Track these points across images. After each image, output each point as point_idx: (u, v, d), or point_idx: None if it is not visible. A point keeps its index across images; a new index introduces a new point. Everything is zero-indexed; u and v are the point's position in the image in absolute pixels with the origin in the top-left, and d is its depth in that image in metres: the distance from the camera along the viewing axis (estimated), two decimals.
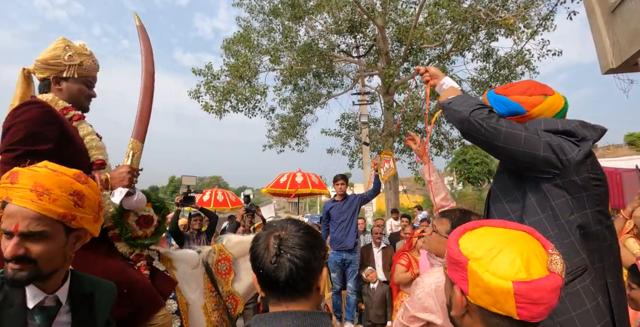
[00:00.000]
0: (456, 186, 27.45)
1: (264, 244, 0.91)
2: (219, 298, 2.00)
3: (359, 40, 13.02)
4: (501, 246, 0.78)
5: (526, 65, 10.51)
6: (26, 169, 1.06)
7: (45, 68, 1.66)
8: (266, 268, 0.87)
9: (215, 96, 12.29)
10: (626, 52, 5.63)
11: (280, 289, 0.88)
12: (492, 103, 1.40)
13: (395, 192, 12.60)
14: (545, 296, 0.72)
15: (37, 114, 1.49)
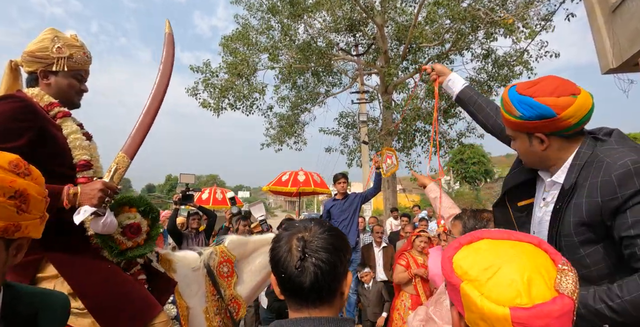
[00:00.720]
0: (453, 185, 27.51)
1: (286, 246, 0.86)
2: (221, 302, 1.95)
3: (358, 39, 12.98)
4: (499, 264, 0.68)
5: (524, 66, 10.51)
6: None
7: (32, 61, 1.55)
8: (289, 272, 0.83)
9: (213, 93, 12.22)
10: (626, 52, 5.63)
11: (303, 295, 0.84)
12: (516, 105, 1.24)
13: (394, 191, 12.60)
14: (552, 323, 0.61)
15: (9, 110, 1.37)
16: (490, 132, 1.71)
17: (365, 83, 13.85)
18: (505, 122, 1.35)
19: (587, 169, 1.20)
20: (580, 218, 1.15)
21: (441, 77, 1.87)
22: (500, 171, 28.72)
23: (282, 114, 14.62)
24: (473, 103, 1.75)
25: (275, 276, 0.89)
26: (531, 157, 1.35)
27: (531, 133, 1.27)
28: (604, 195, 1.10)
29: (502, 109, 1.32)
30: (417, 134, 13.02)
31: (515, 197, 1.52)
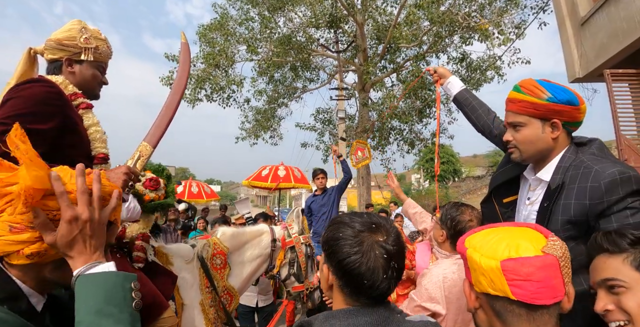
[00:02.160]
0: (423, 183, 28.34)
1: (367, 253, 0.82)
2: (215, 294, 1.96)
3: (338, 36, 13.03)
4: (497, 235, 0.85)
5: (496, 72, 10.95)
6: None
7: (58, 48, 1.55)
8: (374, 280, 0.81)
9: (188, 84, 11.87)
10: (592, 64, 6.02)
11: (380, 298, 0.84)
12: (548, 88, 1.32)
13: (368, 187, 12.82)
14: (535, 273, 0.73)
15: (42, 93, 1.36)
16: (480, 131, 1.86)
17: (343, 80, 13.94)
18: (519, 107, 1.38)
19: (573, 172, 1.32)
20: (569, 217, 1.27)
21: (442, 79, 2.02)
22: (468, 171, 29.89)
23: (258, 107, 14.47)
24: (468, 104, 1.89)
25: (348, 281, 0.84)
26: (538, 145, 1.39)
27: (547, 119, 1.35)
28: (592, 199, 1.22)
29: (522, 94, 1.36)
30: (392, 133, 13.28)
31: (501, 195, 1.65)
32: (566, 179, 1.32)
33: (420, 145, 13.69)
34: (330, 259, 0.87)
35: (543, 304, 0.74)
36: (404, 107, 12.28)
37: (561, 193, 1.32)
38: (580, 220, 1.25)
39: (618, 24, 5.45)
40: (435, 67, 2.07)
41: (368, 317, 0.82)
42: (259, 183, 6.91)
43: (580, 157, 1.34)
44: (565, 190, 1.31)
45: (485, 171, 29.71)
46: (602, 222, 1.21)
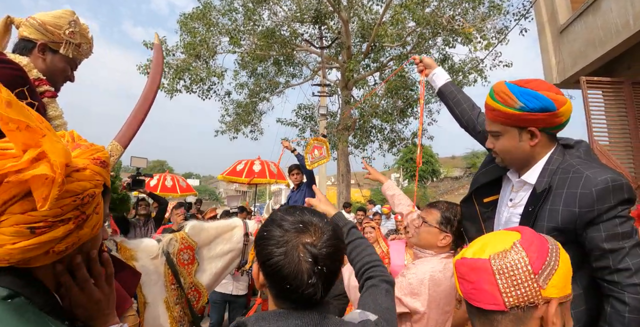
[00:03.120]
0: (402, 182, 28.69)
1: (289, 254, 0.76)
2: (181, 291, 1.87)
3: (322, 32, 12.94)
4: (485, 237, 0.85)
5: (479, 74, 11.14)
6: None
7: (38, 30, 1.45)
8: (297, 285, 0.76)
9: (167, 74, 11.54)
10: (569, 70, 6.18)
11: (308, 304, 0.79)
12: (519, 96, 1.22)
13: (348, 185, 12.84)
14: (468, 273, 0.76)
15: (10, 76, 1.24)
16: (463, 126, 1.78)
17: (326, 76, 13.88)
18: (494, 116, 1.31)
19: (561, 176, 1.25)
20: (555, 224, 1.22)
21: (427, 70, 1.93)
22: (446, 172, 30.46)
23: (239, 101, 14.23)
24: (453, 98, 1.80)
25: (270, 281, 0.80)
26: (516, 154, 1.34)
27: (523, 127, 1.27)
28: (582, 206, 1.17)
29: (496, 102, 1.28)
30: (373, 131, 13.33)
31: (481, 194, 1.60)
32: (553, 182, 1.26)
33: (400, 144, 13.80)
34: (257, 258, 0.82)
35: (479, 306, 0.75)
36: (386, 106, 12.35)
37: (548, 198, 1.26)
38: (567, 227, 1.20)
39: (595, 33, 5.59)
40: (422, 56, 1.98)
41: (299, 321, 0.77)
42: (233, 178, 6.78)
43: (568, 160, 1.28)
44: (553, 195, 1.25)
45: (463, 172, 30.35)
46: (590, 231, 1.17)
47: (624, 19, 5.07)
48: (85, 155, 0.69)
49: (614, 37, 5.24)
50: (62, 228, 0.62)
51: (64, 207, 0.62)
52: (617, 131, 5.52)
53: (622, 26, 5.11)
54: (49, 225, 0.61)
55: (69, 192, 0.62)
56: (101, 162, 0.70)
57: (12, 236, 0.59)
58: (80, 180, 0.64)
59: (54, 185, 0.58)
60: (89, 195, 0.65)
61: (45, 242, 0.61)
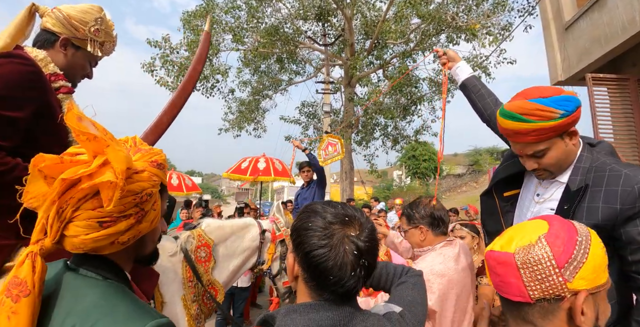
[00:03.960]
0: (405, 179, 28.69)
1: (336, 247, 0.76)
2: (198, 288, 1.89)
3: (325, 29, 12.93)
4: (512, 229, 0.86)
5: (483, 71, 11.11)
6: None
7: (62, 24, 1.42)
8: (341, 276, 0.76)
9: (171, 71, 11.56)
10: (574, 68, 6.17)
11: (347, 296, 0.80)
12: (554, 106, 1.21)
13: (351, 182, 12.86)
14: (495, 266, 0.79)
15: (20, 73, 1.23)
16: (485, 120, 1.79)
17: (330, 74, 13.88)
18: (537, 136, 1.26)
19: (597, 174, 1.26)
20: (595, 221, 1.22)
21: (450, 63, 1.93)
22: (448, 169, 30.42)
23: (242, 99, 14.24)
24: (476, 92, 1.80)
25: (313, 274, 0.79)
26: (566, 159, 1.33)
27: (564, 131, 1.27)
28: (624, 203, 1.19)
29: (532, 123, 1.23)
30: (376, 128, 13.34)
31: (502, 188, 1.61)
32: (589, 181, 1.27)
33: (403, 142, 13.81)
34: (297, 249, 0.81)
35: (508, 297, 0.78)
36: (389, 103, 12.35)
37: (585, 196, 1.27)
38: (607, 224, 1.22)
39: (601, 30, 5.58)
40: (445, 49, 1.97)
41: (330, 313, 0.78)
42: (238, 176, 6.80)
43: (600, 158, 1.30)
44: (590, 192, 1.26)
45: (465, 169, 30.28)
46: (627, 226, 1.20)
47: (630, 15, 5.07)
48: (144, 158, 0.80)
49: (620, 33, 5.24)
50: (124, 222, 0.73)
51: (125, 205, 0.73)
52: (622, 128, 5.52)
53: (628, 23, 5.10)
54: (113, 220, 0.72)
55: (130, 192, 0.73)
56: (158, 165, 0.81)
57: (85, 228, 0.71)
58: (140, 181, 0.75)
59: (116, 188, 0.69)
60: (147, 194, 0.76)
61: (111, 234, 0.72)
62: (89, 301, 0.71)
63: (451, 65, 1.92)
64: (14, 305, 0.67)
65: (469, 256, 1.76)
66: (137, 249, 0.85)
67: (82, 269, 0.77)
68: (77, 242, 0.72)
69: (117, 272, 0.80)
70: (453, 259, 1.64)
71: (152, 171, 0.79)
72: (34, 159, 0.71)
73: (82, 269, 0.77)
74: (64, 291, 0.74)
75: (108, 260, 0.79)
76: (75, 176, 0.69)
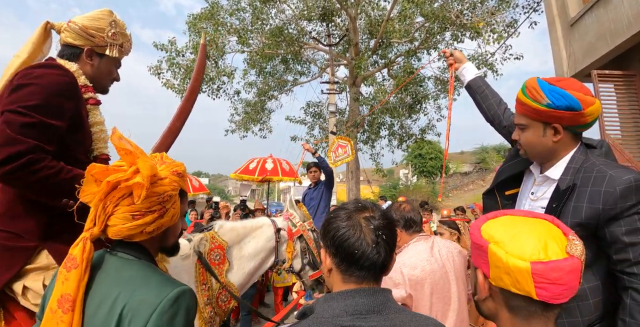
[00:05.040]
0: (411, 178, 28.62)
1: (355, 225, 0.89)
2: (212, 291, 1.87)
3: (330, 29, 12.96)
4: (520, 230, 0.82)
5: (489, 68, 11.07)
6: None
7: (82, 36, 1.47)
8: (364, 249, 0.87)
9: (177, 74, 11.69)
10: (580, 64, 6.14)
11: (373, 270, 0.88)
12: (547, 93, 1.29)
13: (357, 182, 12.89)
14: (564, 277, 0.74)
15: (61, 83, 1.31)
16: (489, 120, 1.85)
17: (334, 74, 13.92)
18: (523, 109, 1.38)
19: (585, 175, 1.31)
20: (579, 220, 1.28)
21: (457, 64, 1.98)
22: (455, 167, 30.28)
23: (248, 100, 14.34)
24: (481, 92, 1.86)
25: (339, 255, 0.90)
26: (538, 148, 1.40)
27: (548, 123, 1.34)
28: (606, 203, 1.23)
29: (525, 97, 1.35)
30: (382, 128, 13.35)
31: (503, 186, 1.67)
32: (577, 180, 1.32)
33: (409, 141, 13.81)
34: (325, 239, 0.94)
35: (561, 303, 0.76)
36: (395, 102, 12.35)
37: (572, 195, 1.32)
38: (590, 223, 1.27)
39: (606, 26, 5.56)
40: (452, 50, 2.03)
41: (365, 299, 0.86)
42: (246, 176, 6.87)
43: (591, 159, 1.35)
44: (577, 192, 1.31)
45: (472, 167, 30.12)
46: (611, 226, 1.24)
47: (636, 11, 5.04)
48: (168, 169, 1.03)
49: (626, 30, 5.21)
50: (150, 216, 0.94)
51: (151, 203, 0.94)
52: (629, 125, 5.50)
53: (633, 18, 5.08)
54: (142, 214, 0.93)
55: (155, 193, 0.95)
56: (178, 174, 1.03)
57: (122, 219, 0.93)
58: (162, 185, 0.97)
59: (143, 189, 0.91)
60: (168, 195, 0.98)
61: (140, 224, 0.94)
62: (127, 275, 0.93)
63: (458, 66, 1.98)
64: (67, 273, 0.90)
65: (449, 248, 1.89)
66: (161, 240, 1.06)
67: (120, 253, 0.99)
68: (116, 230, 0.94)
69: (147, 255, 1.02)
70: (426, 251, 1.77)
71: (173, 178, 1.01)
72: (89, 167, 0.94)
73: (120, 252, 0.99)
74: (107, 268, 0.97)
75: (141, 246, 1.01)
76: (116, 179, 0.91)
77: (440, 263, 1.77)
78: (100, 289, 0.93)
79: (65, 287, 0.89)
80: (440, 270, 1.74)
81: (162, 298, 0.86)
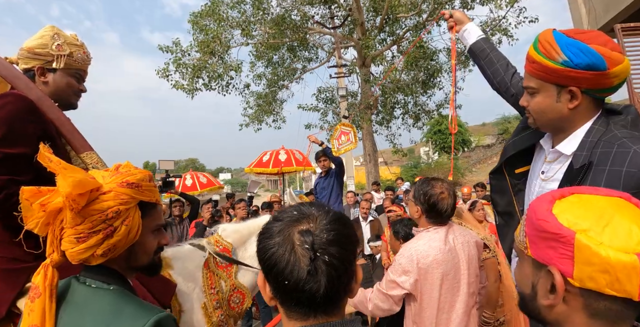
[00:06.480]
0: (432, 155, 28.07)
1: (286, 245, 0.65)
2: (222, 294, 1.87)
3: (333, 11, 12.60)
4: (609, 213, 0.64)
5: (504, 33, 10.51)
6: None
7: (30, 57, 1.49)
8: (296, 279, 0.63)
9: (185, 74, 11.74)
10: (601, 19, 5.69)
11: (314, 304, 0.65)
12: (564, 48, 1.05)
13: (375, 164, 12.74)
14: None
15: (16, 109, 1.31)
16: (495, 88, 1.64)
17: (342, 57, 13.61)
18: (533, 69, 1.15)
19: (603, 150, 1.09)
20: None
21: (458, 26, 1.75)
22: (477, 140, 29.44)
23: (259, 92, 14.29)
24: (485, 57, 1.64)
25: (271, 283, 0.68)
26: (550, 115, 1.18)
27: (564, 86, 1.11)
28: (627, 187, 0.99)
29: (537, 53, 1.12)
30: (396, 107, 13.04)
31: (513, 164, 1.48)
32: (594, 157, 1.09)
33: (425, 118, 13.44)
34: (259, 262, 0.71)
35: None
36: (407, 79, 11.99)
37: (587, 175, 1.09)
38: None
39: None
40: (452, 11, 1.80)
41: None
42: (261, 170, 6.88)
43: (613, 131, 1.10)
44: (593, 171, 1.08)
45: (495, 139, 29.19)
46: None
47: None
48: (116, 180, 0.90)
49: None
50: (94, 238, 0.85)
51: (93, 222, 0.85)
52: None
53: None
54: (86, 235, 0.85)
55: (96, 210, 0.85)
56: (128, 184, 0.90)
57: (69, 243, 0.86)
58: (105, 200, 0.86)
59: (66, 209, 0.83)
60: (112, 211, 0.86)
61: (86, 248, 0.85)
62: (97, 307, 0.86)
63: (459, 29, 1.74)
64: (31, 304, 0.85)
65: (466, 237, 1.77)
66: (128, 260, 0.96)
67: (88, 280, 0.92)
68: (69, 255, 0.87)
69: (118, 279, 0.93)
70: (440, 239, 1.67)
71: (120, 190, 0.89)
72: (20, 191, 0.86)
73: (89, 280, 0.92)
74: (75, 299, 0.90)
75: (111, 269, 0.93)
76: (40, 202, 0.84)
77: (455, 253, 1.68)
78: (68, 324, 0.86)
79: (32, 318, 0.84)
80: (452, 260, 1.65)
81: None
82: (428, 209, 1.72)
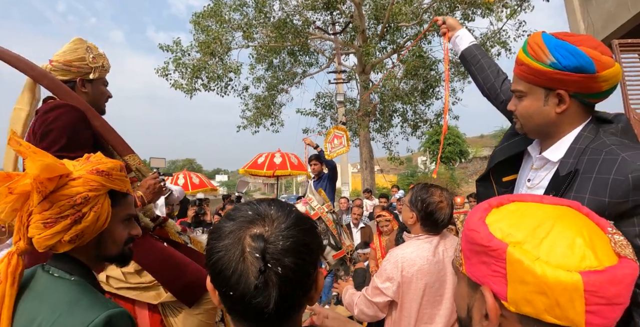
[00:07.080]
0: (429, 165, 28.10)
1: (235, 250, 0.57)
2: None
3: (335, 17, 12.66)
4: (549, 223, 0.54)
5: (502, 46, 10.58)
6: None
7: (68, 70, 1.62)
8: (242, 291, 0.55)
9: (184, 74, 11.73)
10: (600, 35, 5.72)
11: (261, 320, 0.57)
12: (552, 50, 1.03)
13: (371, 172, 12.70)
14: (623, 293, 0.49)
15: (75, 118, 1.48)
16: (485, 95, 1.62)
17: (342, 63, 13.65)
18: (521, 72, 1.13)
19: (591, 157, 1.05)
20: None
21: (450, 32, 1.76)
22: (474, 152, 29.52)
23: (258, 95, 14.28)
24: (476, 63, 1.63)
25: (218, 290, 0.60)
26: (537, 120, 1.15)
27: (551, 89, 1.08)
28: (613, 196, 0.96)
29: (525, 55, 1.09)
30: (394, 115, 13.05)
31: (500, 172, 1.43)
32: (580, 165, 1.05)
33: (424, 127, 13.45)
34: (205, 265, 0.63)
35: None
36: (406, 88, 12.01)
37: (573, 183, 1.05)
38: None
39: None
40: (445, 17, 1.81)
41: None
42: (255, 171, 6.82)
43: (601, 138, 1.07)
44: (579, 179, 1.04)
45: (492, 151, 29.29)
46: (620, 224, 0.96)
47: None
48: (86, 168, 0.92)
49: None
50: (62, 223, 0.86)
51: (61, 207, 0.86)
52: None
53: None
54: (53, 221, 0.85)
55: (65, 196, 0.86)
56: (98, 172, 0.92)
57: (36, 229, 0.86)
58: (74, 186, 0.87)
59: (34, 192, 0.82)
60: (81, 197, 0.87)
61: (53, 233, 0.86)
62: (55, 297, 0.86)
63: (451, 35, 1.74)
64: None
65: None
66: (96, 249, 0.96)
67: (52, 269, 0.92)
68: (35, 242, 0.87)
69: (82, 270, 0.94)
70: (429, 249, 1.62)
71: (90, 178, 0.90)
72: None
73: (52, 268, 0.92)
74: (36, 287, 0.90)
75: (77, 260, 0.94)
76: (6, 186, 0.82)
77: (442, 265, 1.61)
78: (26, 310, 0.86)
79: None
80: (438, 273, 1.59)
81: (86, 325, 0.78)
82: (424, 217, 1.66)
